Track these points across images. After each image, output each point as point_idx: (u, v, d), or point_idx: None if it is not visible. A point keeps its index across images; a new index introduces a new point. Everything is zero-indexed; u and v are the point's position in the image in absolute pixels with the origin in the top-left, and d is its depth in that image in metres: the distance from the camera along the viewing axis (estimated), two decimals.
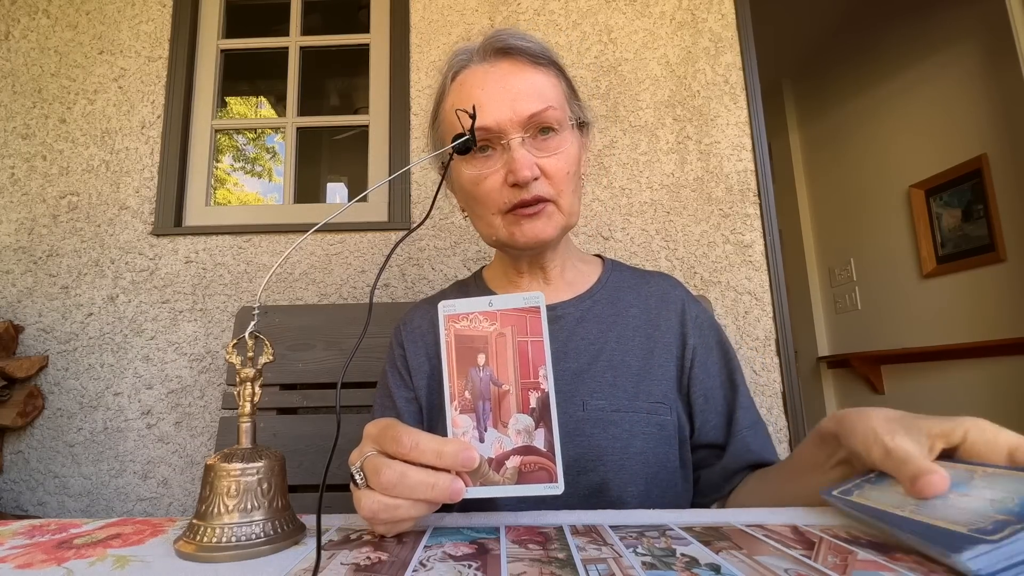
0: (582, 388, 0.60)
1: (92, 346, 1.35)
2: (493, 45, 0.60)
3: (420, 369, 0.66)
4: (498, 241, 0.61)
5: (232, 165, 4.91)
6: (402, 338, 0.69)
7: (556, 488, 0.35)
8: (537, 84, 0.59)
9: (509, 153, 0.56)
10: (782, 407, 1.26)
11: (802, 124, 3.28)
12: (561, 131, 0.59)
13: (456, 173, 0.61)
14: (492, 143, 0.57)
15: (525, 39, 0.60)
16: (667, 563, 0.30)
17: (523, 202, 0.56)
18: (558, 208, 0.59)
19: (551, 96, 0.59)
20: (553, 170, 0.58)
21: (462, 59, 0.61)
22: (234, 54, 1.60)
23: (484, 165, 0.58)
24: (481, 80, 0.59)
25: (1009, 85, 2.12)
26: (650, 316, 0.66)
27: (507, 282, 0.69)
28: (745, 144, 1.38)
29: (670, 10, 1.47)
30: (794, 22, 2.80)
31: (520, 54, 0.59)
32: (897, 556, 0.30)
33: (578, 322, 0.64)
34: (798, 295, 3.15)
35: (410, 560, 0.32)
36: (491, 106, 0.56)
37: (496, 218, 0.59)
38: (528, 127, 0.57)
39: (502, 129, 0.56)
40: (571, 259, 0.69)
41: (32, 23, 1.54)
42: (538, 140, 0.58)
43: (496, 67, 0.59)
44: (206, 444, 1.30)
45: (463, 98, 0.59)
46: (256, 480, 0.37)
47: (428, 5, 1.50)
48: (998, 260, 2.22)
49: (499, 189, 0.57)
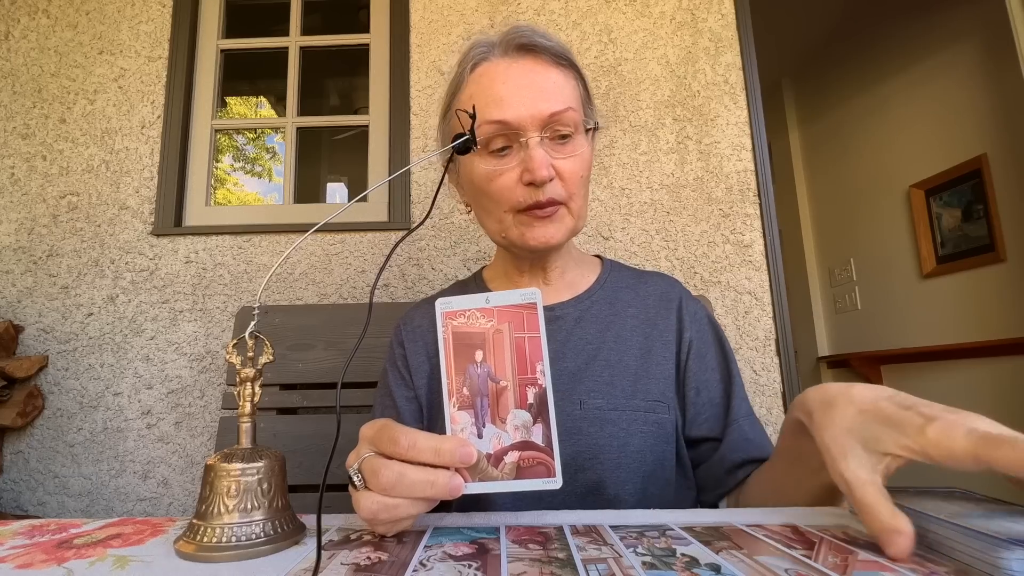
0: (579, 388, 0.60)
1: (92, 346, 1.35)
2: (515, 40, 0.58)
3: (420, 368, 0.66)
4: (506, 239, 0.60)
5: (232, 165, 4.91)
6: (402, 337, 0.69)
7: (554, 483, 0.35)
8: (559, 84, 0.58)
9: (526, 151, 0.55)
10: (782, 407, 1.26)
11: (802, 124, 3.28)
12: (577, 134, 0.58)
13: (467, 167, 0.60)
14: (509, 140, 0.56)
15: (547, 37, 0.59)
16: (667, 563, 0.30)
17: (538, 204, 0.56)
18: (569, 212, 0.59)
19: (571, 97, 0.58)
20: (568, 173, 0.57)
21: (482, 51, 0.60)
22: (234, 54, 1.60)
23: (500, 161, 0.57)
24: (503, 74, 0.57)
25: (1009, 85, 2.12)
26: (648, 315, 0.66)
27: (508, 281, 0.69)
28: (745, 144, 1.38)
29: (670, 10, 1.47)
30: (794, 22, 2.80)
31: (542, 51, 0.58)
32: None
33: (576, 322, 0.64)
34: (798, 295, 3.15)
35: (410, 560, 0.32)
36: (512, 101, 0.55)
37: (508, 216, 0.58)
38: (547, 127, 0.56)
39: (522, 126, 0.55)
40: (572, 260, 0.68)
41: (32, 23, 1.54)
42: (555, 141, 0.57)
43: (518, 63, 0.58)
44: (206, 444, 1.30)
45: (483, 91, 0.57)
46: (256, 480, 0.37)
47: (428, 5, 1.50)
48: (998, 260, 2.22)
49: (513, 187, 0.56)
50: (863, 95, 2.84)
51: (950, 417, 0.30)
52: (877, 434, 0.33)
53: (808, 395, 0.40)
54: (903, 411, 0.32)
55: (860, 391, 0.36)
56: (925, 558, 0.30)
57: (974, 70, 2.31)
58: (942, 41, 2.44)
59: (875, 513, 0.31)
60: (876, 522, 0.31)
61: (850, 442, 0.34)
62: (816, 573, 0.28)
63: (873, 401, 0.34)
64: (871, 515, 0.31)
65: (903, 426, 0.32)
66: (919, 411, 0.32)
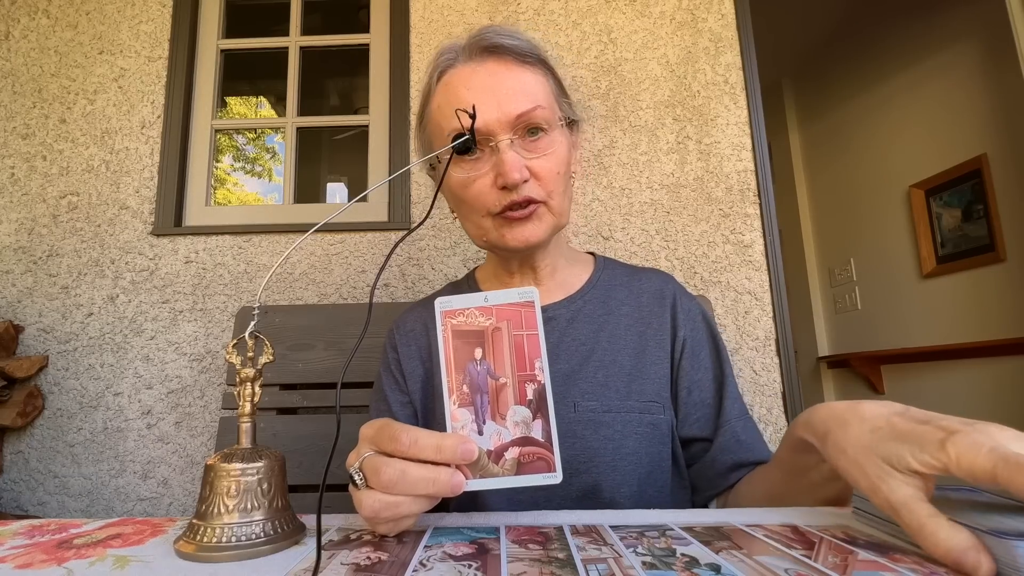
0: (573, 390, 0.59)
1: (92, 346, 1.35)
2: (479, 44, 0.58)
3: (414, 373, 0.66)
4: (488, 243, 0.60)
5: (232, 165, 4.92)
6: (395, 341, 0.69)
7: (555, 478, 0.36)
8: (525, 83, 0.57)
9: (498, 155, 0.55)
10: (782, 407, 1.26)
11: (802, 124, 3.28)
12: (551, 131, 0.58)
13: (446, 175, 0.60)
14: (480, 145, 0.56)
15: (512, 36, 0.58)
16: (667, 563, 0.30)
17: (513, 204, 0.56)
18: (549, 209, 0.58)
19: (539, 95, 0.58)
20: (543, 171, 0.57)
21: (448, 58, 0.60)
22: (234, 54, 1.60)
23: (472, 167, 0.57)
24: (467, 80, 0.57)
25: (1009, 85, 2.12)
26: (642, 314, 0.65)
27: (498, 283, 0.68)
28: (745, 144, 1.38)
29: (670, 10, 1.47)
30: (794, 22, 2.80)
31: (506, 52, 0.58)
32: (896, 556, 0.30)
33: (569, 323, 0.64)
34: (798, 295, 3.15)
35: (410, 560, 0.32)
36: (478, 106, 0.55)
37: (486, 220, 0.58)
38: (516, 127, 0.56)
39: (490, 130, 0.55)
40: (562, 259, 0.67)
41: (32, 23, 1.54)
42: (527, 141, 0.57)
43: (482, 66, 0.58)
44: (206, 444, 1.30)
45: (449, 99, 0.58)
46: (256, 480, 0.37)
47: (428, 5, 1.50)
48: (998, 260, 2.22)
49: (488, 191, 0.56)
50: (863, 95, 2.84)
51: (971, 432, 0.29)
52: (897, 451, 0.31)
53: (815, 414, 0.38)
54: (920, 426, 0.31)
55: (871, 408, 0.34)
56: (926, 558, 0.30)
57: (974, 70, 2.31)
58: (942, 41, 2.45)
59: (935, 536, 0.29)
60: (944, 547, 0.28)
61: (877, 462, 0.32)
62: (816, 573, 0.28)
63: (886, 418, 0.33)
64: (931, 539, 0.29)
65: (922, 442, 0.30)
66: (937, 424, 0.30)
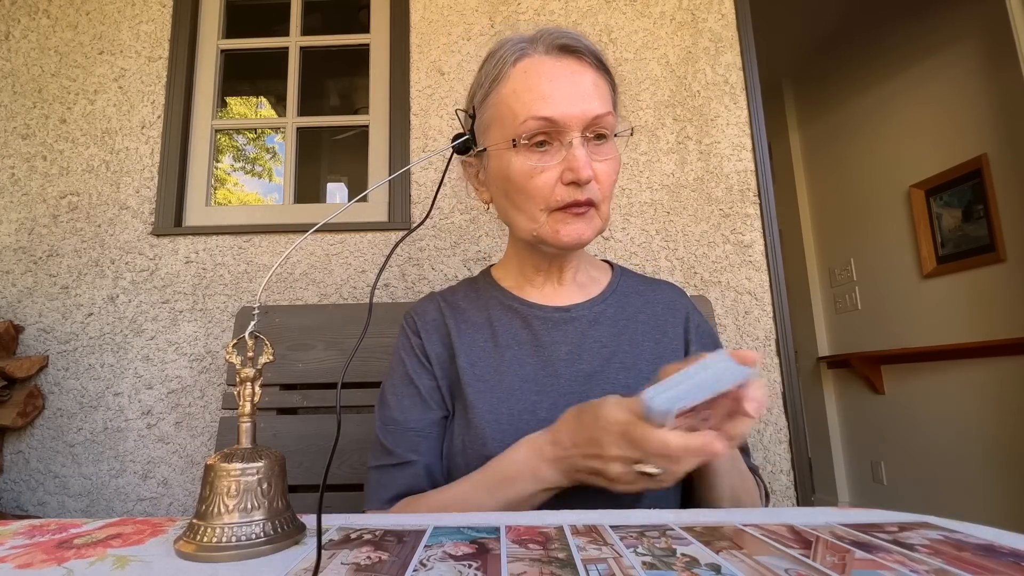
0: (596, 390, 0.59)
1: (92, 346, 1.35)
2: (557, 40, 0.59)
3: (440, 357, 0.66)
4: (537, 237, 0.60)
5: (232, 165, 4.92)
6: (417, 328, 0.68)
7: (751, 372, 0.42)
8: (600, 87, 0.59)
9: (569, 151, 0.56)
10: (782, 407, 1.26)
11: (802, 124, 3.28)
12: (611, 138, 0.60)
13: (500, 163, 0.60)
14: (550, 138, 0.57)
15: (587, 41, 0.60)
16: (667, 563, 0.30)
17: (577, 202, 0.57)
18: (598, 213, 0.59)
19: (609, 101, 0.59)
20: (604, 175, 0.58)
21: (522, 47, 0.60)
22: (234, 54, 1.61)
23: (541, 159, 0.57)
24: (549, 71, 0.58)
25: (1009, 85, 2.12)
26: (658, 323, 0.66)
27: (524, 280, 0.69)
28: (745, 144, 1.38)
29: (670, 10, 1.47)
30: (794, 22, 2.80)
31: (585, 55, 0.59)
32: (896, 556, 0.30)
33: (591, 324, 0.64)
34: (798, 295, 3.15)
35: (410, 560, 0.32)
36: (558, 99, 0.56)
37: (542, 214, 0.59)
38: (589, 128, 0.57)
39: (567, 124, 0.56)
40: (584, 262, 0.69)
41: (32, 23, 1.54)
42: (593, 144, 0.58)
43: (562, 62, 0.58)
44: (206, 444, 1.30)
45: (529, 86, 0.58)
46: (256, 480, 0.37)
47: (428, 5, 1.50)
48: (998, 260, 2.22)
49: (553, 184, 0.57)
50: (863, 95, 2.84)
51: None
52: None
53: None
54: None
55: None
56: (926, 559, 0.30)
57: (974, 70, 2.31)
58: (942, 41, 2.44)
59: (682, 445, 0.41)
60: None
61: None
62: (816, 573, 0.28)
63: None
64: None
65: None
66: None
